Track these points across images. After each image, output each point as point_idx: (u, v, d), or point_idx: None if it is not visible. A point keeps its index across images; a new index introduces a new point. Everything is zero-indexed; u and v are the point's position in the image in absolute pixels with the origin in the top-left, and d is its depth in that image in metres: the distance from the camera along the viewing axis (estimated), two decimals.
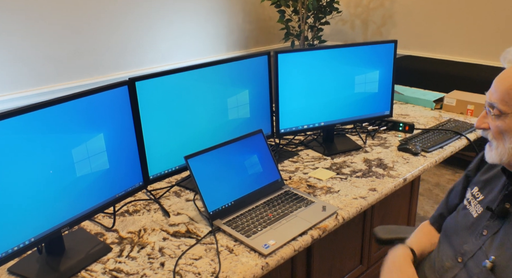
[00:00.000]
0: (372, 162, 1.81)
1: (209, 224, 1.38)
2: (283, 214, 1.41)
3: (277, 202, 1.47)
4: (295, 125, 1.84)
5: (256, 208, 1.44)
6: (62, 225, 1.20)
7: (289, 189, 1.55)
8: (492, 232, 1.06)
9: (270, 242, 1.28)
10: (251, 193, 1.48)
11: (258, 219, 1.38)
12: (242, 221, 1.37)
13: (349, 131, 2.12)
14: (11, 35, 2.82)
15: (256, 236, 1.31)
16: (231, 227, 1.34)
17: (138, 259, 1.24)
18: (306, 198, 1.49)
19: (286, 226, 1.36)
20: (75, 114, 1.18)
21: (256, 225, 1.36)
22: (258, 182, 1.51)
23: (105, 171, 1.28)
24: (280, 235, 1.31)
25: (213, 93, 1.57)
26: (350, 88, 1.89)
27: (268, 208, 1.44)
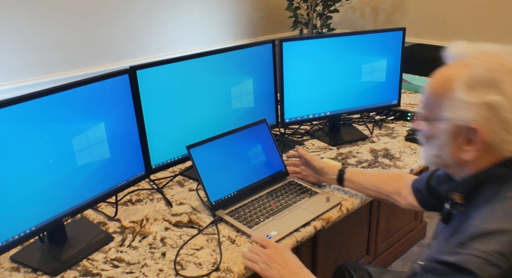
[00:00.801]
0: (379, 152, 1.78)
1: (212, 214, 1.38)
2: (286, 205, 1.39)
3: (280, 193, 1.46)
4: (300, 114, 1.82)
5: (259, 199, 1.43)
6: (63, 214, 1.19)
7: (293, 179, 1.54)
8: (443, 237, 0.99)
9: (272, 233, 1.27)
10: (254, 184, 1.47)
11: (261, 209, 1.37)
12: (245, 211, 1.36)
13: (355, 120, 2.09)
14: (20, 22, 2.82)
15: (258, 227, 1.29)
16: (234, 218, 1.33)
17: (140, 249, 1.24)
18: (310, 189, 1.48)
19: (289, 217, 1.34)
20: (75, 103, 1.17)
21: (259, 215, 1.34)
22: (262, 172, 1.50)
23: (106, 161, 1.27)
24: (282, 226, 1.30)
25: (216, 82, 1.55)
26: (356, 77, 1.85)
27: (271, 199, 1.43)
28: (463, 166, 0.91)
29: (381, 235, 2.23)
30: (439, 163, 0.96)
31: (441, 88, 0.88)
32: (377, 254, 2.28)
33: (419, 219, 2.57)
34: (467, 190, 0.91)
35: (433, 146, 0.93)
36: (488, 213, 0.82)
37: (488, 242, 0.77)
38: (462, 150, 0.88)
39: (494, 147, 0.85)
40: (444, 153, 0.92)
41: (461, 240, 0.80)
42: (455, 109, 0.86)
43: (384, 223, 2.20)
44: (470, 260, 0.76)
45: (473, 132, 0.85)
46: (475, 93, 0.83)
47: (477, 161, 0.89)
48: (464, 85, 0.84)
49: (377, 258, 2.28)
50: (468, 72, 0.85)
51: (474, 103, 0.83)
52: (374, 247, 2.24)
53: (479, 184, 0.89)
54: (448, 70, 0.90)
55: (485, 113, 0.83)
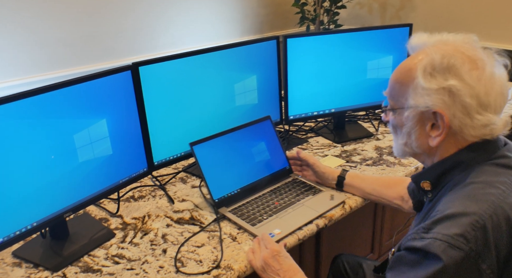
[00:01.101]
0: (384, 150, 1.76)
1: (214, 211, 1.37)
2: (290, 203, 1.38)
3: (284, 191, 1.45)
4: (304, 111, 1.81)
5: (263, 196, 1.42)
6: (65, 210, 1.19)
7: (297, 177, 1.52)
8: (415, 224, 1.01)
9: (275, 231, 1.26)
10: (258, 181, 1.46)
11: (264, 207, 1.36)
12: (248, 209, 1.35)
13: (361, 118, 2.07)
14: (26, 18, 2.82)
15: (261, 224, 1.28)
16: (236, 215, 1.32)
17: (141, 245, 1.24)
18: (314, 187, 1.46)
19: (292, 215, 1.33)
20: (76, 99, 1.17)
21: (262, 213, 1.33)
22: (265, 169, 1.49)
23: (108, 157, 1.27)
24: (286, 224, 1.29)
25: (219, 79, 1.54)
26: (362, 74, 1.83)
27: (275, 197, 1.42)
28: (430, 153, 0.94)
29: (386, 233, 2.21)
30: (408, 152, 0.97)
31: (404, 78, 0.91)
32: (381, 252, 2.26)
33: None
34: (434, 177, 0.93)
35: (401, 135, 0.96)
36: (451, 198, 0.84)
37: (449, 225, 0.78)
38: (429, 136, 0.90)
39: (457, 132, 0.87)
40: (412, 141, 0.94)
41: (426, 225, 0.81)
42: (418, 96, 0.88)
43: (389, 221, 2.18)
44: (433, 244, 0.77)
45: (437, 116, 0.87)
46: (434, 79, 0.86)
47: (443, 148, 0.91)
48: (424, 72, 0.87)
49: (381, 256, 2.27)
50: (427, 60, 0.88)
51: (434, 89, 0.86)
52: (379, 245, 2.23)
53: (445, 170, 0.91)
54: (410, 60, 0.92)
55: (446, 98, 0.85)
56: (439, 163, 0.92)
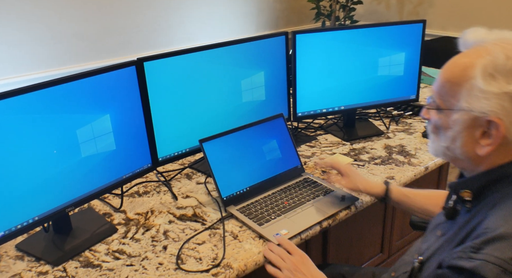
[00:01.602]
0: (393, 148, 1.73)
1: (219, 209, 1.36)
2: (299, 203, 1.36)
3: (294, 190, 1.43)
4: (313, 108, 1.78)
5: (272, 195, 1.40)
6: (67, 205, 1.20)
7: (309, 176, 1.50)
8: (442, 233, 0.94)
9: (282, 231, 1.24)
10: (268, 179, 1.44)
11: (273, 207, 1.34)
12: (256, 208, 1.34)
13: (372, 115, 2.04)
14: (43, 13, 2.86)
15: (268, 224, 1.27)
16: (244, 214, 1.31)
17: (142, 241, 1.24)
18: (325, 187, 1.44)
19: (300, 215, 1.31)
20: (80, 94, 1.17)
21: (270, 213, 1.32)
22: (276, 168, 1.47)
23: (112, 152, 1.27)
24: (293, 225, 1.27)
25: (226, 75, 1.52)
26: (372, 71, 1.80)
27: (285, 196, 1.39)
28: (475, 162, 0.86)
29: (396, 233, 2.18)
30: (448, 156, 0.90)
31: (458, 76, 0.83)
32: (391, 253, 2.23)
33: None
34: (477, 188, 0.86)
35: (444, 137, 0.88)
36: (504, 215, 0.77)
37: (504, 248, 0.71)
38: (477, 144, 0.83)
39: (511, 143, 0.80)
40: (456, 146, 0.86)
41: (475, 244, 0.75)
42: (473, 99, 0.80)
43: (400, 221, 2.14)
44: (485, 267, 0.71)
45: (491, 125, 0.79)
46: (495, 82, 0.77)
47: (491, 157, 0.83)
48: (484, 72, 0.79)
49: (391, 256, 2.23)
50: (488, 59, 0.79)
51: (495, 93, 0.77)
52: (389, 245, 2.19)
53: (490, 181, 0.84)
54: (466, 57, 0.84)
55: (506, 104, 0.77)
56: (485, 173, 0.84)
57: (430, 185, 2.27)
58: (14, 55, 2.78)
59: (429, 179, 2.20)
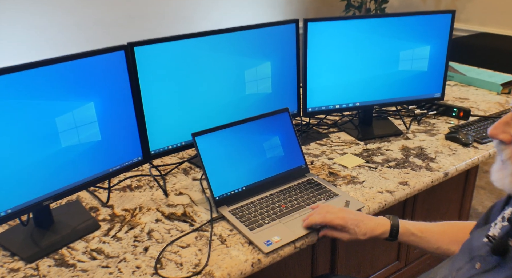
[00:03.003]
0: (411, 151, 1.57)
1: (210, 209, 1.25)
2: (298, 207, 1.24)
3: (294, 192, 1.30)
4: (325, 104, 1.64)
5: (270, 197, 1.28)
6: (45, 197, 1.12)
7: (313, 177, 1.37)
8: (484, 267, 0.80)
9: (274, 238, 1.12)
10: (267, 179, 1.32)
11: (268, 210, 1.23)
12: (250, 210, 1.23)
13: (392, 113, 1.88)
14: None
15: (260, 229, 1.15)
16: (236, 216, 1.20)
17: (123, 241, 1.15)
18: (329, 190, 1.31)
19: (297, 221, 1.19)
20: (60, 79, 1.08)
21: (264, 216, 1.20)
22: (277, 167, 1.35)
23: (97, 143, 1.19)
24: (287, 231, 1.15)
25: (228, 64, 1.41)
26: (393, 65, 1.64)
27: (283, 198, 1.28)
28: None
29: None
30: None
31: None
32: (408, 261, 2.07)
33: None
34: None
35: None
36: None
37: None
38: None
39: None
40: None
41: None
42: None
43: (421, 214, 1.98)
44: None
45: None
46: None
47: None
48: None
49: (408, 265, 2.08)
50: None
51: None
52: (406, 253, 2.04)
53: None
54: None
55: None
56: None
57: (454, 193, 2.09)
58: (34, 40, 2.76)
59: (457, 180, 2.02)
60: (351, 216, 1.12)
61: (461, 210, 2.23)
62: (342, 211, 1.14)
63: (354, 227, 1.10)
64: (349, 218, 1.11)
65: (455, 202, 2.17)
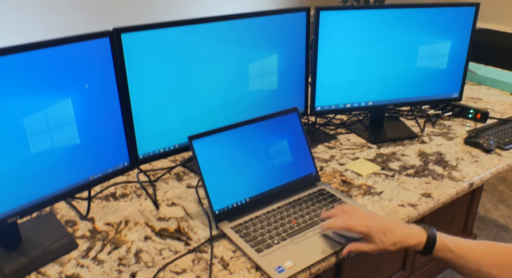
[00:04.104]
0: (430, 156, 1.42)
1: (209, 224, 1.08)
2: (311, 223, 1.07)
3: (306, 204, 1.13)
4: (335, 102, 1.47)
5: (278, 211, 1.11)
6: (9, 214, 0.93)
7: (325, 187, 1.20)
8: None
9: (286, 263, 0.95)
10: (274, 190, 1.15)
11: (277, 226, 1.05)
12: (256, 227, 1.05)
13: (404, 114, 1.72)
14: None
15: (269, 251, 0.98)
16: (240, 235, 1.02)
17: (106, 264, 0.96)
18: (345, 202, 1.14)
19: (312, 241, 1.02)
20: (30, 70, 0.88)
21: (273, 235, 1.03)
22: (286, 175, 1.17)
23: (74, 148, 0.99)
24: (301, 254, 0.97)
25: (229, 56, 1.22)
26: (410, 62, 1.48)
27: (293, 212, 1.10)
28: None
29: None
30: None
31: None
32: (414, 270, 1.94)
33: (468, 231, 2.20)
34: None
35: None
36: None
37: None
38: None
39: None
40: None
41: None
42: None
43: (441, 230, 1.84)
44: None
45: None
46: None
47: None
48: None
49: (414, 273, 1.95)
50: None
51: None
52: (412, 261, 1.90)
53: None
54: None
55: None
56: None
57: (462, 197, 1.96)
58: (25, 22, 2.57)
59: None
60: (377, 224, 0.95)
61: (468, 215, 2.11)
62: (367, 217, 0.97)
63: (381, 236, 0.93)
64: (373, 225, 0.94)
65: (462, 207, 2.05)
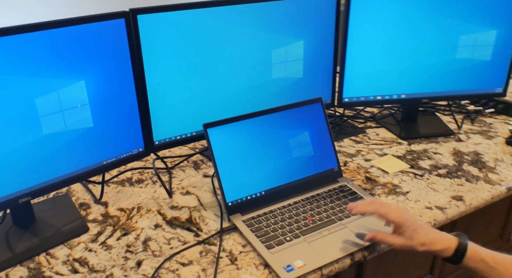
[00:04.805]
0: (465, 156, 1.32)
1: (221, 217, 1.04)
2: (327, 221, 1.01)
3: (324, 201, 1.08)
4: (364, 94, 1.40)
5: (294, 206, 1.06)
6: (20, 194, 0.92)
7: (347, 183, 1.14)
8: None
9: (296, 262, 0.90)
10: (292, 184, 1.10)
11: (291, 222, 1.01)
12: (269, 222, 1.01)
13: (441, 109, 1.62)
14: None
15: (280, 249, 0.93)
16: (251, 229, 0.98)
17: (113, 250, 0.95)
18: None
19: (326, 240, 0.96)
20: (43, 50, 0.87)
21: (286, 232, 0.98)
22: (305, 169, 1.12)
23: (87, 131, 0.98)
24: (314, 254, 0.92)
25: (252, 41, 1.17)
26: (449, 52, 1.37)
27: (310, 208, 1.05)
28: None
29: None
30: None
31: None
32: (442, 275, 1.84)
33: (506, 237, 2.06)
34: None
35: None
36: None
37: None
38: None
39: None
40: None
41: None
42: None
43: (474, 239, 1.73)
44: None
45: None
46: None
47: None
48: None
49: None
50: None
51: None
52: (441, 266, 1.80)
53: None
54: None
55: None
56: None
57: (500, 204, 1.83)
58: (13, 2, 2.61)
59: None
60: (410, 218, 0.89)
61: (505, 224, 1.98)
62: (401, 209, 0.91)
63: (412, 231, 0.87)
64: (408, 218, 0.89)
65: (500, 213, 1.92)
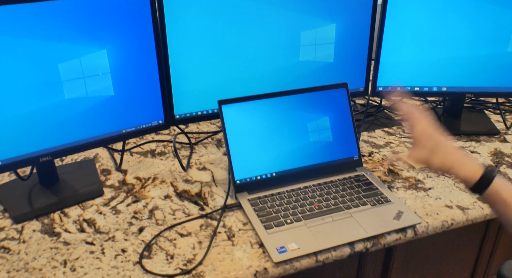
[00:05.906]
0: (506, 158, 1.22)
1: (227, 193, 1.05)
2: (334, 208, 0.99)
3: (335, 189, 1.05)
4: (402, 84, 1.33)
5: (303, 190, 1.04)
6: (41, 153, 0.99)
7: (365, 173, 1.10)
8: None
9: (290, 245, 0.89)
10: (305, 168, 1.08)
11: (296, 206, 0.99)
12: (274, 203, 1.00)
13: (491, 106, 1.50)
14: None
15: (278, 230, 0.93)
16: (254, 208, 0.98)
17: (121, 215, 0.99)
18: (381, 193, 1.03)
19: (327, 227, 0.94)
20: (67, 17, 0.91)
21: (288, 214, 0.97)
22: (321, 155, 1.10)
23: (108, 99, 1.02)
24: (310, 238, 0.91)
25: (281, 21, 1.15)
26: (501, 44, 1.27)
27: (319, 194, 1.03)
28: None
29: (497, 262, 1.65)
30: None
31: None
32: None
33: None
34: None
35: None
36: None
37: None
38: None
39: None
40: None
41: None
42: None
43: (508, 238, 1.60)
44: None
45: None
46: None
47: None
48: None
49: None
50: None
51: None
52: (484, 273, 1.68)
53: None
54: None
55: None
56: None
57: None
58: None
59: None
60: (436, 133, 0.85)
61: None
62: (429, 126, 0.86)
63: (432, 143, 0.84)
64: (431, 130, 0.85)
65: None
